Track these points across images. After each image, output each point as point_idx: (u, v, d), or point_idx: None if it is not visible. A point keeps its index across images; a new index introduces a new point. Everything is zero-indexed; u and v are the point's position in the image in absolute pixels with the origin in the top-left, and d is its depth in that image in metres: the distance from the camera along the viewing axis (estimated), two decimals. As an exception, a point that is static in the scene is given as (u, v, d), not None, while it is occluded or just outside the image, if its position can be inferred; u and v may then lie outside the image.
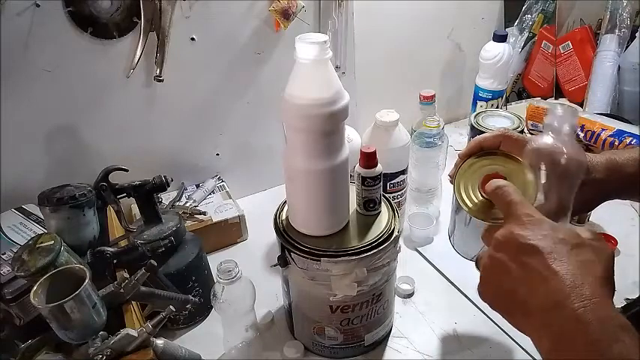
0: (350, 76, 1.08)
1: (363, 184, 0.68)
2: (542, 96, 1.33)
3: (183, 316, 0.78)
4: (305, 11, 0.95)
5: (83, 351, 0.57)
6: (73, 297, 0.53)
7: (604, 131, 1.03)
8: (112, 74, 0.85)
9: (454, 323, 0.79)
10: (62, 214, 0.67)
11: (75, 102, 0.84)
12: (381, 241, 0.65)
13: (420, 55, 1.19)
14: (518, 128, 1.05)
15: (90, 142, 0.88)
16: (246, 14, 0.92)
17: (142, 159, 0.90)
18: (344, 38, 1.03)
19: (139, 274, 0.65)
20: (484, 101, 1.19)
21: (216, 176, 1.05)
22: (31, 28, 0.75)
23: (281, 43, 0.97)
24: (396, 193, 0.92)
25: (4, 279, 0.63)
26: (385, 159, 0.72)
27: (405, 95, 1.20)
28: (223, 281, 0.67)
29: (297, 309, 0.73)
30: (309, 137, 0.60)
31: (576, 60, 1.26)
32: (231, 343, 0.73)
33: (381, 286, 0.68)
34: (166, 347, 0.62)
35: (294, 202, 0.68)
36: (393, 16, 1.12)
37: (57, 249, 0.60)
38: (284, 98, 0.59)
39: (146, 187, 0.74)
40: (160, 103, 0.91)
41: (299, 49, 0.56)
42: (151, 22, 0.83)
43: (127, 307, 0.65)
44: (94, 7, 0.78)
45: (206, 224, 0.93)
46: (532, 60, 1.34)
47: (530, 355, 0.72)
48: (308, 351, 0.75)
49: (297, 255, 0.64)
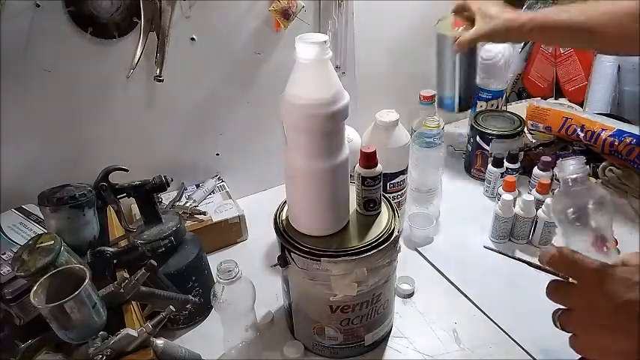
0: (350, 76, 1.08)
1: (363, 184, 0.68)
2: (542, 96, 1.34)
3: (183, 316, 0.78)
4: (305, 11, 0.95)
5: (83, 351, 0.57)
6: (73, 297, 0.53)
7: (604, 131, 1.03)
8: (112, 74, 0.85)
9: (454, 323, 0.79)
10: (62, 214, 0.67)
11: (75, 102, 0.84)
12: (381, 241, 0.65)
13: (420, 55, 1.19)
14: (519, 128, 1.06)
15: (90, 142, 0.88)
16: (246, 14, 0.92)
17: (142, 159, 0.90)
18: (344, 38, 1.03)
19: (139, 274, 0.65)
20: (484, 101, 1.19)
21: (216, 176, 1.05)
22: (31, 28, 0.75)
23: (281, 43, 0.97)
24: (396, 193, 0.92)
25: (4, 279, 0.63)
26: (385, 159, 0.72)
27: (405, 95, 1.20)
28: (223, 281, 0.67)
29: (297, 309, 0.73)
30: (309, 137, 0.60)
31: (576, 60, 1.26)
32: (231, 343, 0.73)
33: (381, 286, 0.68)
34: (166, 347, 0.62)
35: (294, 202, 0.68)
36: (393, 16, 1.12)
37: (57, 249, 0.60)
38: (284, 98, 0.59)
39: (146, 187, 0.74)
40: (160, 103, 0.91)
41: (299, 49, 0.56)
42: (151, 22, 0.83)
43: (127, 307, 0.65)
44: (94, 7, 0.78)
45: (206, 224, 0.93)
46: (532, 60, 1.34)
47: (531, 355, 0.72)
48: (308, 351, 0.75)
49: (297, 255, 0.64)
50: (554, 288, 0.53)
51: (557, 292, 0.53)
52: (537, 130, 1.15)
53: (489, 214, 0.94)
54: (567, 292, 0.52)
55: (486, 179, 1.05)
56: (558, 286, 0.53)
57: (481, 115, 1.11)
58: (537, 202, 0.91)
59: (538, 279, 0.76)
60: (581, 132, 1.06)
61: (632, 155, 0.99)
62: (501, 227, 0.92)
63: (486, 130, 1.06)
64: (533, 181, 0.97)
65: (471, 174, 1.15)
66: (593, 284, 0.49)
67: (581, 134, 1.06)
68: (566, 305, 0.53)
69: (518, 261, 0.76)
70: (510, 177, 0.94)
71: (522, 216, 0.90)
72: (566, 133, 1.09)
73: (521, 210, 0.90)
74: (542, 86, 1.34)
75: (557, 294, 0.53)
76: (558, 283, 0.54)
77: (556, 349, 0.70)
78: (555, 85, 1.33)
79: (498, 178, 1.01)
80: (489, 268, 0.88)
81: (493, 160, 1.01)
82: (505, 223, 0.91)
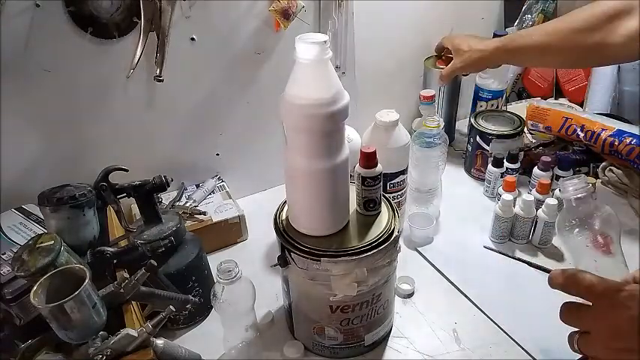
0: (350, 76, 1.08)
1: (363, 184, 0.68)
2: (542, 96, 1.33)
3: (183, 316, 0.78)
4: (305, 11, 0.95)
5: (83, 351, 0.57)
6: (73, 297, 0.53)
7: (604, 131, 1.03)
8: (112, 74, 0.85)
9: (454, 323, 0.79)
10: (62, 214, 0.67)
11: (75, 102, 0.84)
12: (381, 241, 0.65)
13: (420, 55, 1.19)
14: (519, 128, 1.06)
15: (90, 142, 0.88)
16: (246, 14, 0.92)
17: (142, 159, 0.90)
18: (344, 38, 1.03)
19: (139, 274, 0.65)
20: (484, 101, 1.19)
21: (216, 176, 1.05)
22: (31, 28, 0.75)
23: (281, 43, 0.97)
24: (396, 193, 0.92)
25: (4, 279, 0.63)
26: (385, 159, 0.72)
27: (405, 95, 1.20)
28: (223, 281, 0.67)
29: (297, 309, 0.73)
30: (309, 137, 0.60)
31: (576, 60, 1.26)
32: (231, 343, 0.73)
33: (381, 286, 0.68)
34: (166, 347, 0.62)
35: (294, 202, 0.68)
36: (393, 16, 1.12)
37: (57, 249, 0.60)
38: (284, 98, 0.59)
39: (146, 187, 0.74)
40: (160, 103, 0.91)
41: (299, 49, 0.56)
42: (151, 22, 0.83)
43: (127, 307, 0.65)
44: (94, 7, 0.78)
45: (206, 224, 0.93)
46: (532, 60, 1.33)
47: (531, 355, 0.72)
48: (308, 351, 0.75)
49: (297, 255, 0.64)
50: (568, 310, 0.53)
51: (571, 315, 0.53)
52: (537, 130, 1.15)
53: (489, 214, 0.94)
54: (581, 315, 0.52)
55: (486, 179, 1.05)
56: (571, 308, 0.53)
57: (481, 115, 1.11)
58: (537, 202, 0.91)
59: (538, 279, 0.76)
60: (581, 132, 1.06)
61: (632, 155, 0.99)
62: (501, 227, 0.92)
63: (486, 130, 1.06)
64: (533, 181, 0.97)
65: (471, 174, 1.15)
66: (606, 305, 0.49)
67: (581, 134, 1.06)
68: (582, 328, 0.52)
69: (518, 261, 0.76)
70: (510, 177, 0.94)
71: (522, 216, 0.90)
72: (566, 133, 1.09)
73: (521, 210, 0.90)
74: (543, 86, 1.34)
75: (572, 317, 0.53)
76: (571, 305, 0.53)
77: (556, 349, 0.70)
78: (555, 85, 1.33)
79: (498, 178, 1.01)
80: (489, 268, 0.88)
81: (493, 160, 1.01)
82: (505, 223, 0.91)
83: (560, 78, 1.31)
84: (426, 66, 1.17)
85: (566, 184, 0.60)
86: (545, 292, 0.60)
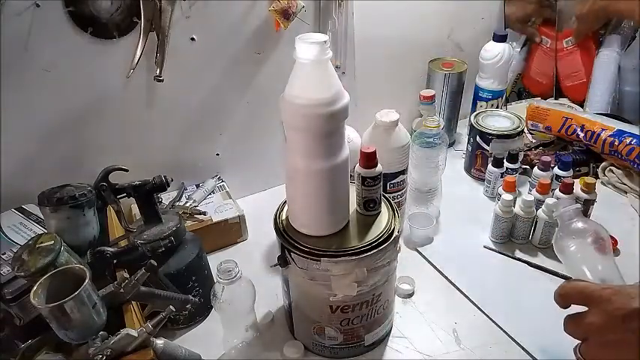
0: (350, 76, 1.08)
1: (363, 184, 0.68)
2: (542, 94, 1.33)
3: (183, 316, 0.78)
4: (305, 11, 0.95)
5: (83, 351, 0.57)
6: (73, 297, 0.53)
7: (604, 131, 1.03)
8: (112, 74, 0.85)
9: (454, 323, 0.79)
10: (62, 214, 0.67)
11: (75, 102, 0.84)
12: (381, 241, 0.65)
13: (420, 55, 1.19)
14: (518, 128, 1.06)
15: (90, 142, 0.88)
16: (246, 14, 0.92)
17: (142, 159, 0.90)
18: (344, 38, 1.03)
19: (139, 274, 0.65)
20: (484, 101, 1.19)
21: (216, 176, 1.05)
22: (31, 28, 0.75)
23: (281, 43, 0.97)
24: (396, 193, 0.92)
25: (4, 279, 0.63)
26: (385, 159, 0.72)
27: (405, 95, 1.20)
28: (223, 281, 0.67)
29: (297, 309, 0.73)
30: (309, 137, 0.60)
31: (578, 56, 1.25)
32: (231, 343, 0.73)
33: (381, 286, 0.68)
34: (166, 347, 0.62)
35: (294, 202, 0.68)
36: (393, 16, 1.12)
37: (57, 249, 0.60)
38: (284, 98, 0.59)
39: (146, 187, 0.74)
40: (160, 103, 0.91)
41: (299, 49, 0.56)
42: (151, 22, 0.83)
43: (127, 307, 0.65)
44: (94, 7, 0.78)
45: (206, 224, 0.93)
46: (532, 57, 1.33)
47: (531, 355, 0.72)
48: (308, 351, 0.75)
49: (297, 255, 0.64)
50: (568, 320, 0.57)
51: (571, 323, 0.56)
52: (537, 130, 1.15)
53: (489, 214, 0.94)
54: (579, 322, 0.55)
55: (486, 179, 1.05)
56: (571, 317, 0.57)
57: (481, 115, 1.11)
58: (537, 202, 0.91)
59: (538, 279, 0.76)
60: (581, 132, 1.06)
61: (632, 155, 0.99)
62: (501, 227, 0.92)
63: (486, 130, 1.06)
64: (533, 181, 0.97)
65: (471, 174, 1.15)
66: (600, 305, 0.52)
67: (581, 134, 1.06)
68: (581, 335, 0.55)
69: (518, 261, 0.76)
70: (510, 177, 0.94)
71: (522, 216, 0.90)
72: (566, 133, 1.09)
73: (521, 210, 0.90)
74: (543, 82, 1.33)
75: (572, 326, 0.56)
76: (572, 315, 0.57)
77: (556, 349, 0.70)
78: (556, 85, 1.32)
79: (498, 178, 1.01)
80: (489, 268, 0.88)
81: (493, 160, 1.01)
82: (505, 223, 0.91)
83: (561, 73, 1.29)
84: (431, 68, 1.17)
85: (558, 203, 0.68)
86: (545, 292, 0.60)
